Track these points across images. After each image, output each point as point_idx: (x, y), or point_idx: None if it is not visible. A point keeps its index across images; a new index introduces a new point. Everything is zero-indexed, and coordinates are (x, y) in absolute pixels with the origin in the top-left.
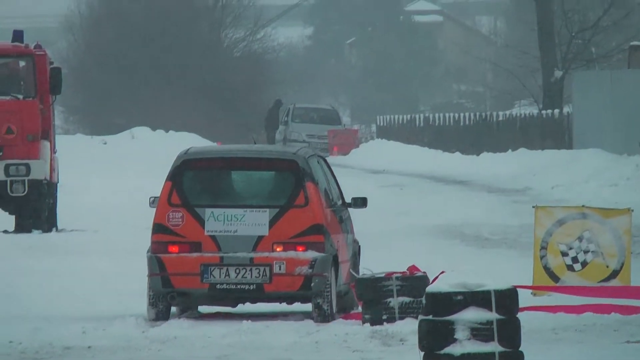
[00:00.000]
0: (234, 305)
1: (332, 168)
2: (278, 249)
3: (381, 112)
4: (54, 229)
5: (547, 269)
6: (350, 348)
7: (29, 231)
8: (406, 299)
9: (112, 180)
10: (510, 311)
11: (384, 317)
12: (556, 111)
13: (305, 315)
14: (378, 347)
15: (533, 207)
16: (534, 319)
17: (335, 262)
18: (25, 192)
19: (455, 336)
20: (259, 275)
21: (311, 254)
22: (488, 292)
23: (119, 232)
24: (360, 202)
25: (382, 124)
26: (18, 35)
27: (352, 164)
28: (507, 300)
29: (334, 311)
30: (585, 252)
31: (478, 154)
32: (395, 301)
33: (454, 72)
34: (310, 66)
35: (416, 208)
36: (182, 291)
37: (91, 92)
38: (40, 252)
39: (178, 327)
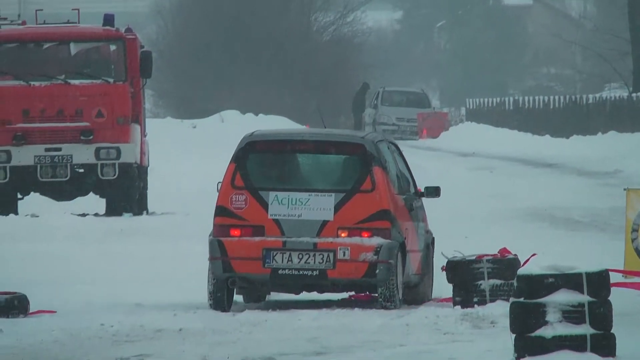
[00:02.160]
0: (298, 293)
1: (422, 151)
2: (342, 235)
3: (470, 95)
4: (145, 212)
5: (638, 251)
6: (441, 330)
7: (120, 214)
8: (497, 282)
9: (202, 163)
10: (601, 294)
11: (475, 299)
12: None
13: None
14: (469, 330)
15: (624, 189)
16: (626, 302)
17: (403, 250)
18: (116, 176)
19: (546, 318)
20: (323, 261)
21: (376, 240)
22: (580, 275)
23: (210, 216)
24: (433, 192)
25: (471, 107)
26: (109, 19)
27: (442, 147)
28: (599, 282)
29: (400, 300)
30: None
31: (568, 137)
32: (486, 284)
33: (543, 55)
34: (399, 50)
35: (506, 191)
36: (243, 276)
37: (181, 75)
38: (131, 235)
39: (268, 311)
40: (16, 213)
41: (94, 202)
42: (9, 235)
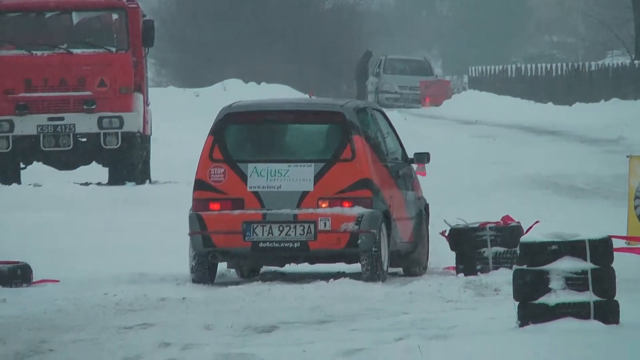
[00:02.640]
0: (281, 265)
1: (424, 119)
2: (323, 205)
3: (473, 63)
4: (148, 181)
5: None
6: (444, 298)
7: (123, 183)
8: (500, 249)
9: (205, 132)
10: (604, 260)
11: (478, 267)
12: None
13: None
14: (472, 298)
15: (627, 156)
16: (629, 268)
17: (387, 219)
18: (119, 145)
19: (549, 286)
20: (304, 232)
21: (357, 210)
22: (582, 242)
23: None
24: (423, 158)
25: (474, 75)
26: None
27: (445, 114)
28: (601, 249)
29: (385, 270)
30: None
31: (570, 105)
32: (489, 251)
33: (546, 23)
34: (402, 18)
35: (509, 159)
36: (224, 250)
37: (183, 44)
38: (134, 204)
39: (271, 280)
40: (19, 182)
41: (96, 171)
42: (12, 204)
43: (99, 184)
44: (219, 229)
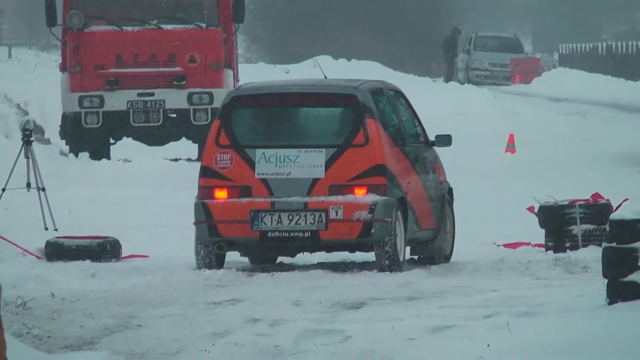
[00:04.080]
0: (293, 255)
1: (514, 97)
2: (335, 193)
3: (563, 41)
4: None
5: None
6: (534, 275)
7: None
8: (589, 227)
9: None
10: None
11: (567, 244)
12: None
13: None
14: (561, 275)
15: None
16: None
17: (404, 206)
18: (209, 121)
19: (639, 264)
20: (314, 221)
21: (371, 198)
22: None
23: None
24: (444, 140)
25: (564, 52)
26: None
27: (534, 92)
28: None
29: (402, 260)
30: None
31: None
32: (578, 229)
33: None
34: None
35: (599, 136)
36: (231, 240)
37: (274, 21)
38: None
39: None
40: (109, 158)
41: (186, 147)
42: (102, 179)
43: (188, 159)
44: (226, 218)
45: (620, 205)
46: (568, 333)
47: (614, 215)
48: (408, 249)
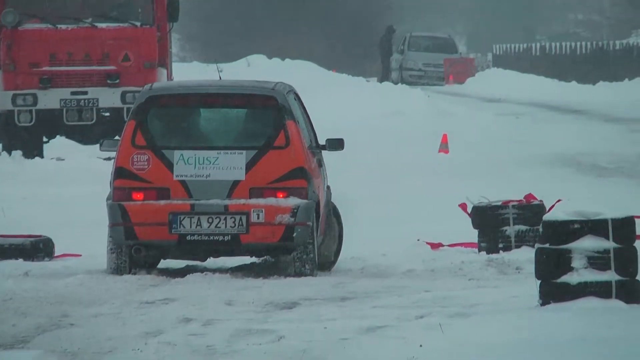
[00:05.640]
0: (203, 260)
1: (448, 97)
2: (256, 196)
3: (497, 41)
4: None
5: None
6: (467, 276)
7: None
8: (522, 227)
9: None
10: (627, 240)
11: (500, 245)
12: None
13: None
14: (494, 275)
15: None
16: None
17: (317, 210)
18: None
19: (572, 265)
20: (235, 224)
21: (293, 201)
22: (605, 221)
23: None
24: (336, 144)
25: (498, 52)
26: None
27: (468, 92)
28: (624, 228)
29: (316, 264)
30: None
31: (594, 83)
32: (511, 229)
33: (571, 0)
34: None
35: (532, 137)
36: (148, 243)
37: (208, 20)
38: None
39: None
40: (42, 156)
41: None
42: (35, 178)
43: None
44: (143, 221)
45: (553, 206)
46: (501, 334)
47: (547, 216)
48: None
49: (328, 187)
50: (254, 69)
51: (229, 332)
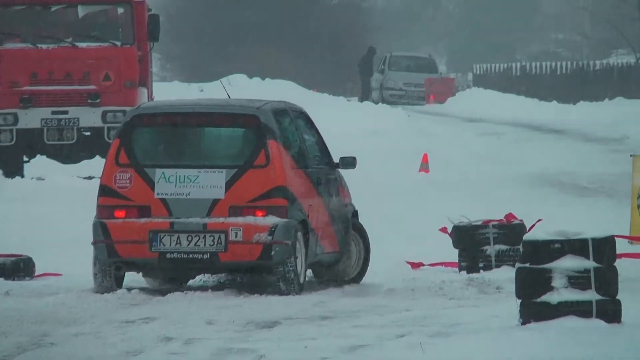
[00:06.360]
0: (186, 281)
1: (429, 116)
2: (235, 214)
3: (478, 61)
4: None
5: None
6: (447, 295)
7: None
8: (503, 247)
9: None
10: (607, 260)
11: (481, 265)
12: None
13: (397, 264)
14: (474, 295)
15: (631, 155)
16: (632, 268)
17: (305, 228)
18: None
19: (552, 284)
20: (214, 243)
21: (271, 220)
22: (586, 240)
23: None
24: (349, 162)
25: (478, 72)
26: None
27: (449, 112)
28: (604, 248)
29: (302, 282)
30: None
31: (574, 103)
32: (492, 249)
33: (552, 20)
34: (408, 14)
35: (513, 156)
36: (129, 261)
37: (188, 39)
38: None
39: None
40: (22, 176)
41: (100, 166)
42: (15, 197)
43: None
44: (124, 239)
45: (533, 225)
46: (481, 353)
47: (527, 236)
48: (310, 272)
49: (346, 205)
50: (235, 89)
51: (209, 351)
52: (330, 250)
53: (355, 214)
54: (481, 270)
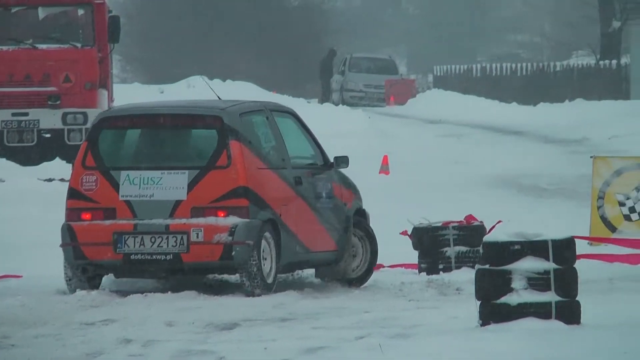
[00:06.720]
0: (156, 277)
1: (389, 118)
2: (197, 215)
3: (438, 62)
4: None
5: (604, 219)
6: (407, 297)
7: None
8: (463, 249)
9: None
10: (567, 261)
11: (441, 266)
12: (614, 62)
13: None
14: (434, 297)
15: (591, 157)
16: (591, 269)
17: (275, 229)
18: (82, 141)
19: (512, 285)
20: (176, 244)
21: (232, 220)
22: (545, 242)
23: None
24: (343, 161)
25: (438, 74)
26: None
27: (409, 113)
28: (564, 250)
29: (271, 283)
30: None
31: (535, 105)
32: (451, 250)
33: (512, 22)
34: (368, 16)
35: (473, 158)
36: (96, 263)
37: (149, 41)
38: None
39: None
40: None
41: (60, 168)
42: None
43: (62, 180)
44: (90, 241)
45: (493, 227)
46: (441, 355)
47: (487, 237)
48: (313, 271)
49: (345, 204)
50: (196, 90)
51: (169, 353)
52: (322, 249)
53: (361, 213)
54: (441, 272)
